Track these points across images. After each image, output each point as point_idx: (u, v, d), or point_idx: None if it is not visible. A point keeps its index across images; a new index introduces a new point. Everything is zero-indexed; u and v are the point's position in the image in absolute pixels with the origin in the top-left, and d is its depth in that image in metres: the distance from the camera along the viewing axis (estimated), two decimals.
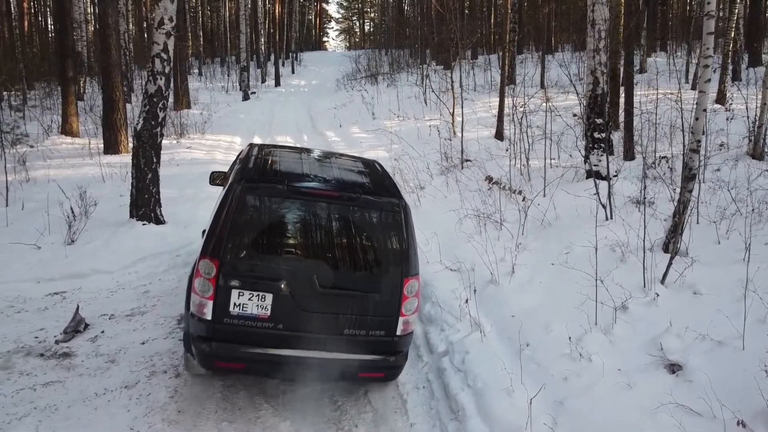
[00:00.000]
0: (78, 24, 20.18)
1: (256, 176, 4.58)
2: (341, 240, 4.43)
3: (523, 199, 7.75)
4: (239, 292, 4.18)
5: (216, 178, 6.60)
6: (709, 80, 5.77)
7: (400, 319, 4.45)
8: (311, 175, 4.86)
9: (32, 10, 31.75)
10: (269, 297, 4.22)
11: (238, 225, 4.24)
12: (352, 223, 4.44)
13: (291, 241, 4.45)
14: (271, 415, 4.43)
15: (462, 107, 12.60)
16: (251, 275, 4.21)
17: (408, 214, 4.59)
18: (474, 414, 4.33)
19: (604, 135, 8.40)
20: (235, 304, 4.19)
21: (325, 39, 65.96)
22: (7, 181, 9.16)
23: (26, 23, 28.55)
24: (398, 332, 4.47)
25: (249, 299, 4.20)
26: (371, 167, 5.54)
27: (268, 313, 4.23)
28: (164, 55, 8.08)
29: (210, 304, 4.16)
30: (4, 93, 20.22)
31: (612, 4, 9.09)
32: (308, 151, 6.17)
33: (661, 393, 4.09)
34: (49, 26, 33.34)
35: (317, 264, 4.31)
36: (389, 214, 4.49)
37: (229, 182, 4.69)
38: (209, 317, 4.18)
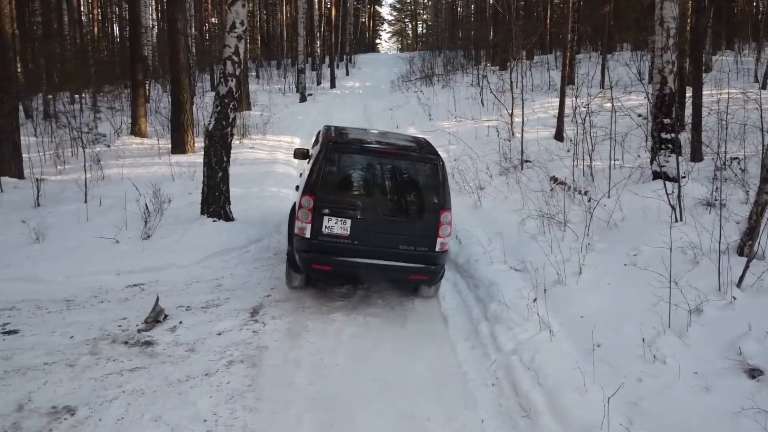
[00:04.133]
0: (145, 30, 21.02)
1: (338, 140, 6.32)
2: (397, 182, 6.22)
3: (589, 200, 7.66)
4: (328, 218, 5.93)
5: (298, 154, 8.20)
6: None
7: (438, 240, 6.07)
8: (375, 141, 6.53)
9: (100, 17, 33.21)
10: (348, 222, 5.96)
11: (327, 172, 6.03)
12: (405, 171, 6.23)
13: (363, 183, 6.23)
14: (346, 408, 4.55)
15: (522, 108, 12.50)
16: (336, 206, 5.96)
17: (443, 166, 6.27)
18: (546, 412, 4.34)
19: (672, 135, 8.20)
20: (325, 226, 5.93)
21: (377, 41, 66.44)
22: (86, 178, 9.65)
23: (96, 30, 29.90)
24: (437, 249, 6.09)
25: (335, 223, 5.94)
26: (417, 138, 7.42)
27: (348, 232, 5.97)
28: (235, 58, 8.36)
29: (309, 227, 5.92)
30: (75, 96, 21.29)
31: (679, 1, 8.87)
32: (370, 129, 7.88)
33: (741, 397, 3.98)
34: (116, 32, 34.85)
35: (381, 199, 6.12)
36: (430, 166, 6.19)
37: (319, 147, 6.42)
38: (308, 236, 5.94)
